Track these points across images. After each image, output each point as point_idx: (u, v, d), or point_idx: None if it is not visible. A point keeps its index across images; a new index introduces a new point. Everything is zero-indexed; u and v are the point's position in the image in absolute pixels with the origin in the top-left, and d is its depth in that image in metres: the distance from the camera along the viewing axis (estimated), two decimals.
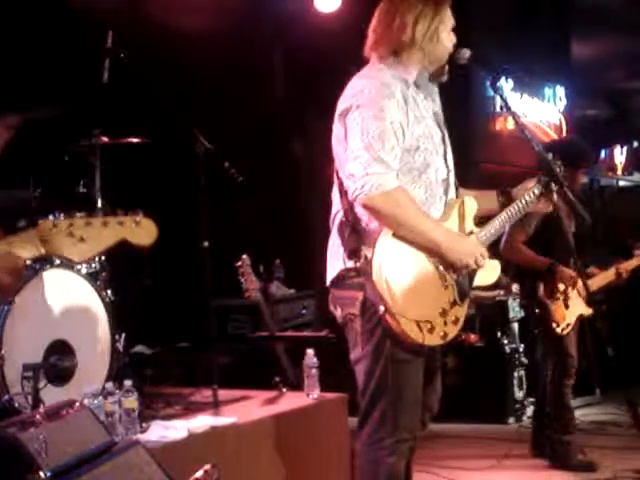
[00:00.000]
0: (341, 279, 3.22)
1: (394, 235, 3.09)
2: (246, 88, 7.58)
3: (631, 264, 5.88)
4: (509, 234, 5.35)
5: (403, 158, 3.18)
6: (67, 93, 6.11)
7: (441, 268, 3.18)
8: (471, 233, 3.33)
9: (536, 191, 3.48)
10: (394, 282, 3.05)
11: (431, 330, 3.13)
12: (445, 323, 3.19)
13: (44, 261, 4.38)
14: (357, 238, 3.17)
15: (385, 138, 3.09)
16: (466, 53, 3.34)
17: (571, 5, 10.61)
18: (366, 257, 3.11)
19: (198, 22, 6.64)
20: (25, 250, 2.56)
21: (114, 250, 2.86)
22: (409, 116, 3.18)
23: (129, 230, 2.67)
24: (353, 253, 3.17)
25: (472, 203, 3.38)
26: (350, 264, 3.18)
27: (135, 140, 5.58)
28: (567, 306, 5.49)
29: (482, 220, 3.42)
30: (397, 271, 3.07)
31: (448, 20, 3.34)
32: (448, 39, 3.34)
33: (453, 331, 3.24)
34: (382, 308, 3.06)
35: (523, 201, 3.46)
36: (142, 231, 2.70)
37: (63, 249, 2.58)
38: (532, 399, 7.12)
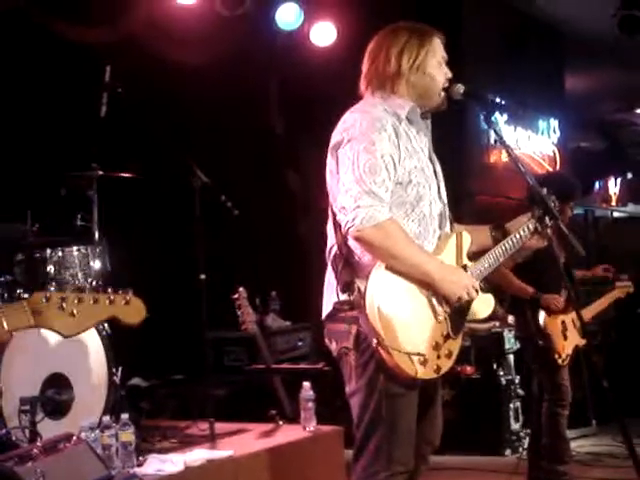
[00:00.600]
0: (335, 312, 3.22)
1: (387, 268, 3.10)
2: (242, 121, 7.63)
3: (614, 295, 5.97)
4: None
5: (396, 191, 3.19)
6: (65, 126, 6.15)
7: (434, 301, 3.18)
8: (464, 267, 3.34)
9: (530, 226, 3.48)
10: (386, 315, 3.06)
11: (424, 363, 3.13)
12: (438, 357, 3.18)
13: None
14: (350, 271, 3.17)
15: (376, 171, 3.10)
16: (460, 89, 3.36)
17: (563, 38, 10.70)
18: (359, 290, 3.10)
19: (194, 55, 6.68)
20: (16, 320, 2.60)
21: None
22: (401, 149, 3.19)
23: (119, 308, 2.73)
24: (346, 286, 3.17)
25: (466, 237, 3.39)
26: (344, 297, 3.18)
27: (132, 174, 5.61)
28: (565, 337, 5.50)
29: (475, 255, 3.43)
30: (390, 304, 3.08)
31: (437, 52, 3.35)
32: (438, 71, 3.34)
33: (446, 365, 3.22)
34: (375, 341, 3.06)
35: (517, 236, 3.47)
36: (131, 310, 2.77)
37: (54, 322, 2.64)
38: (528, 430, 7.15)
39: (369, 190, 3.08)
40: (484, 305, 3.40)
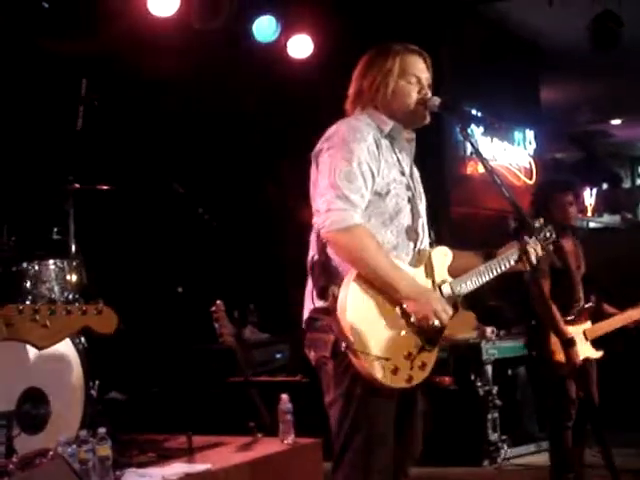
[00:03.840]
0: (313, 320, 3.23)
1: (359, 274, 3.11)
2: (219, 133, 7.63)
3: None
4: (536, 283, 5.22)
5: (374, 202, 3.22)
6: (41, 139, 6.13)
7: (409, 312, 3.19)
8: (443, 282, 3.34)
9: (513, 259, 3.49)
10: (357, 320, 3.06)
11: (395, 372, 3.11)
12: (411, 367, 3.17)
13: None
14: (327, 277, 3.18)
15: (351, 179, 3.14)
16: (436, 101, 3.38)
17: (539, 50, 10.77)
18: (334, 295, 3.12)
19: (171, 68, 6.68)
20: None
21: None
22: (381, 161, 3.24)
23: (91, 319, 2.75)
24: (322, 292, 3.18)
25: (447, 253, 3.40)
26: (320, 304, 3.19)
27: (108, 187, 5.60)
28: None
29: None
30: (362, 309, 3.08)
31: (407, 69, 3.38)
32: (405, 86, 3.36)
33: (420, 376, 3.21)
34: (344, 344, 3.07)
35: (502, 264, 3.48)
36: (104, 320, 2.78)
37: (27, 334, 2.64)
38: (505, 440, 7.16)
39: (342, 195, 3.12)
40: (465, 323, 3.40)
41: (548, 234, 3.66)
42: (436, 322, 3.18)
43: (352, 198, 3.12)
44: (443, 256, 3.39)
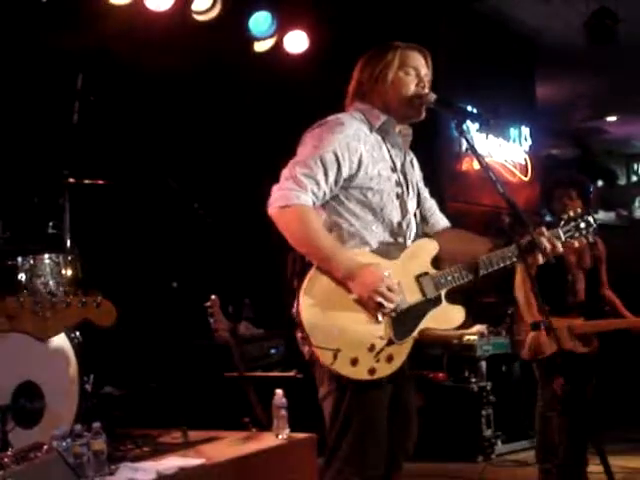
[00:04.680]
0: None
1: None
2: (215, 128, 7.63)
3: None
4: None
5: (357, 195, 3.26)
6: (37, 134, 6.12)
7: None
8: (425, 274, 3.32)
9: (510, 257, 3.42)
10: (311, 313, 3.07)
11: (354, 363, 3.09)
12: (377, 360, 3.14)
13: None
14: (299, 272, 3.19)
15: (309, 164, 3.17)
16: (432, 97, 3.40)
17: (534, 47, 10.78)
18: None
19: (167, 63, 6.67)
20: None
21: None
22: (363, 155, 3.26)
23: (90, 311, 2.75)
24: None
25: (431, 244, 3.39)
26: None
27: (103, 181, 5.60)
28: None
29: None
30: (318, 302, 3.08)
31: (406, 63, 3.41)
32: (403, 80, 3.39)
33: (385, 369, 3.17)
34: (299, 335, 3.08)
35: (498, 261, 3.41)
36: (102, 312, 2.80)
37: (28, 325, 2.65)
38: (499, 435, 7.19)
39: (294, 176, 3.16)
40: (451, 317, 3.39)
41: (584, 225, 3.58)
42: (382, 302, 3.10)
43: (302, 180, 3.15)
44: (428, 248, 3.37)
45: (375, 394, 3.18)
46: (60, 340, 4.64)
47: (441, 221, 3.64)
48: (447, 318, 3.36)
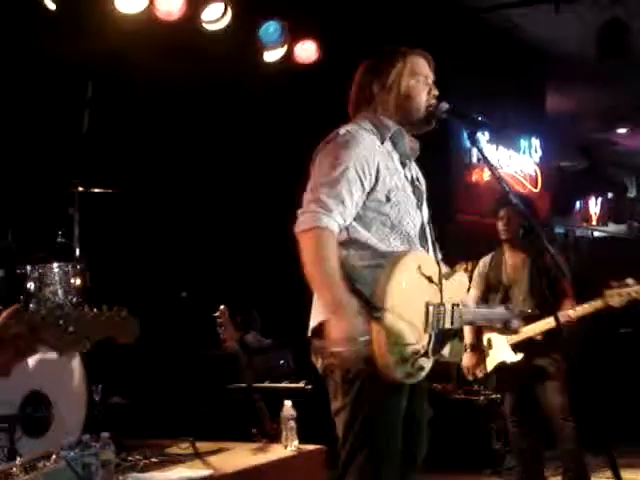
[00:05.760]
0: (323, 327, 3.20)
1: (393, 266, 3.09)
2: (228, 137, 7.62)
3: (585, 308, 5.54)
4: None
5: (378, 208, 3.20)
6: (47, 143, 6.12)
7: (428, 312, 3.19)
8: (457, 305, 3.32)
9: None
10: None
11: (404, 361, 3.11)
12: (412, 365, 3.15)
13: None
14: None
15: (332, 184, 3.10)
16: (444, 107, 3.37)
17: (545, 58, 10.77)
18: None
19: (177, 71, 6.67)
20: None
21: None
22: (380, 168, 3.20)
23: (115, 327, 2.70)
24: None
25: (465, 280, 3.44)
26: None
27: (113, 190, 5.60)
28: (487, 354, 5.66)
29: None
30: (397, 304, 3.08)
31: (417, 70, 3.37)
32: (416, 89, 3.36)
33: (416, 377, 3.19)
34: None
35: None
36: (126, 328, 2.74)
37: (50, 339, 2.60)
38: (508, 449, 7.14)
39: (318, 198, 3.09)
40: (459, 350, 3.45)
41: None
42: (342, 353, 3.04)
43: (327, 202, 3.08)
44: (464, 283, 3.43)
45: (391, 406, 3.16)
46: None
47: None
48: (455, 351, 3.40)
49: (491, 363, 5.64)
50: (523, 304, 5.48)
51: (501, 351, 5.60)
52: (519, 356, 5.55)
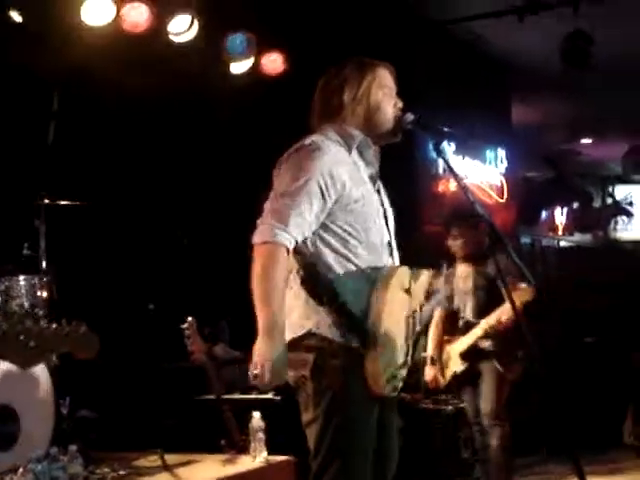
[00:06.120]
0: (296, 341, 3.18)
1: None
2: (192, 149, 7.61)
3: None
4: None
5: (342, 218, 3.18)
6: (12, 154, 6.08)
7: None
8: (415, 312, 3.31)
9: None
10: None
11: (389, 380, 3.16)
12: (397, 378, 3.21)
13: None
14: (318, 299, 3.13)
15: (294, 197, 3.08)
16: (409, 118, 3.38)
17: (510, 69, 10.86)
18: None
19: (144, 83, 6.66)
20: None
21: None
22: (344, 179, 3.17)
23: (74, 342, 2.70)
24: (309, 316, 3.14)
25: (425, 276, 3.38)
26: (309, 325, 3.14)
27: (80, 202, 5.58)
28: (447, 365, 5.91)
29: None
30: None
31: (384, 82, 3.38)
32: (385, 101, 3.36)
33: (399, 387, 3.26)
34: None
35: None
36: (86, 344, 2.74)
37: (11, 353, 2.59)
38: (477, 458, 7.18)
39: (277, 210, 3.08)
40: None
41: None
42: (260, 375, 3.03)
43: (284, 214, 3.06)
44: (422, 280, 3.38)
45: (363, 418, 3.16)
46: None
47: None
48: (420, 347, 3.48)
49: (448, 374, 5.85)
50: (471, 314, 5.79)
51: (454, 361, 5.83)
52: (464, 365, 5.78)
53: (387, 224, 3.37)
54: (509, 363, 5.74)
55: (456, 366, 5.81)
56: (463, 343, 5.78)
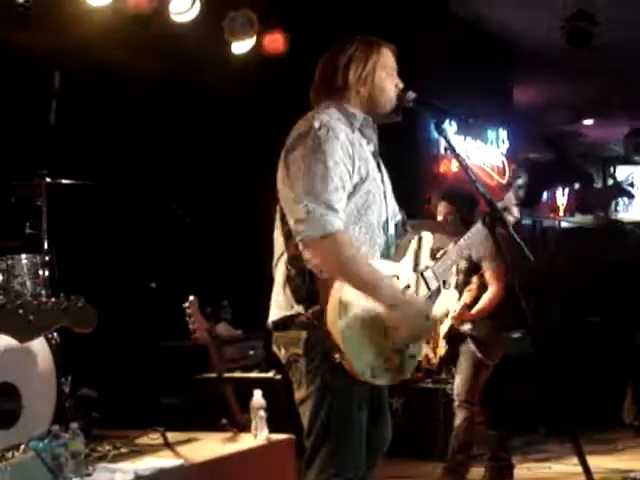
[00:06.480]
0: (285, 321, 3.20)
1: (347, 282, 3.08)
2: (194, 128, 7.61)
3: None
4: None
5: (348, 197, 3.17)
6: (14, 133, 6.09)
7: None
8: (426, 268, 3.36)
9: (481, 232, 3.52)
10: (346, 328, 3.05)
11: (388, 370, 3.18)
12: (402, 361, 3.23)
13: None
14: (306, 284, 3.13)
15: (327, 181, 3.06)
16: (411, 96, 3.37)
17: (511, 50, 10.83)
18: (318, 305, 3.08)
19: (146, 62, 6.65)
20: None
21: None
22: (355, 158, 3.18)
23: (73, 316, 2.72)
24: (302, 299, 3.14)
25: (427, 238, 3.41)
26: (299, 309, 3.14)
27: (81, 181, 5.58)
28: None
29: None
30: (349, 317, 3.07)
31: (386, 63, 3.38)
32: (388, 81, 3.36)
33: (411, 366, 3.31)
34: (337, 355, 3.07)
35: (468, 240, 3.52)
36: (84, 317, 2.76)
37: (10, 327, 2.61)
38: None
39: (321, 200, 3.04)
40: (448, 301, 3.51)
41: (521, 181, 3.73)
42: (413, 337, 3.22)
43: (330, 202, 3.05)
44: (425, 243, 3.40)
45: (356, 395, 3.17)
46: (37, 341, 4.60)
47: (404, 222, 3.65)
48: (446, 305, 3.53)
49: (438, 353, 5.85)
50: None
51: (440, 342, 5.82)
52: (446, 347, 5.79)
53: (386, 202, 3.37)
54: (488, 348, 5.73)
55: (440, 347, 5.82)
56: (445, 325, 5.77)
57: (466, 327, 5.71)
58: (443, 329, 5.75)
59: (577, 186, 16.32)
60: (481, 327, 5.68)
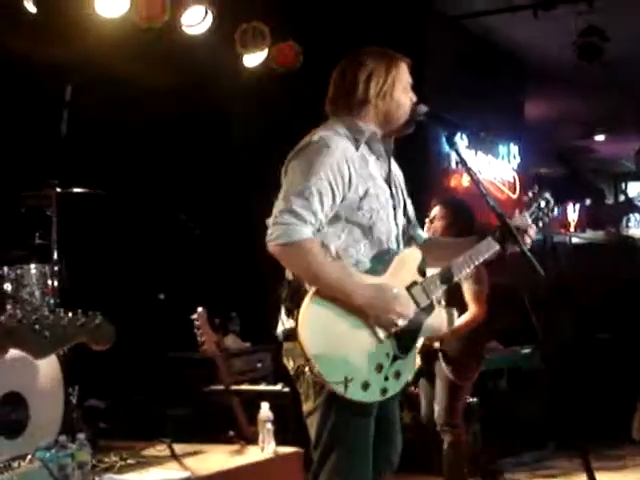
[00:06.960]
0: (291, 332, 3.15)
1: (317, 293, 3.05)
2: (204, 141, 7.62)
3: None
4: None
5: (349, 215, 3.19)
6: (26, 144, 6.11)
7: (371, 322, 3.13)
8: (414, 284, 3.29)
9: (488, 250, 3.47)
10: (317, 341, 3.01)
11: (365, 387, 3.09)
12: (386, 378, 3.16)
13: None
14: (292, 296, 3.15)
15: (306, 195, 3.07)
16: (422, 109, 3.37)
17: (524, 65, 10.83)
18: (295, 319, 3.07)
19: (157, 75, 6.67)
20: None
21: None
22: (352, 175, 3.17)
23: (89, 333, 2.69)
24: (290, 312, 3.15)
25: (415, 253, 3.36)
26: (290, 323, 3.14)
27: (91, 191, 5.59)
28: None
29: None
30: (321, 330, 3.04)
31: (403, 78, 3.36)
32: (404, 96, 3.35)
33: (395, 386, 3.21)
34: (307, 369, 3.05)
35: (476, 257, 3.46)
36: (101, 335, 2.73)
37: (26, 344, 2.58)
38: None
39: (291, 209, 3.06)
40: (445, 319, 3.42)
41: (543, 203, 3.63)
42: (400, 322, 3.15)
43: (300, 212, 3.05)
44: (413, 257, 3.35)
45: (364, 407, 3.15)
46: None
47: (422, 234, 3.61)
48: (441, 322, 3.40)
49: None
50: None
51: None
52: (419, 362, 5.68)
53: (396, 219, 3.36)
54: (459, 369, 5.55)
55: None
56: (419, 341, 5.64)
57: (436, 344, 5.56)
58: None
59: (588, 202, 16.30)
60: (454, 347, 5.55)
